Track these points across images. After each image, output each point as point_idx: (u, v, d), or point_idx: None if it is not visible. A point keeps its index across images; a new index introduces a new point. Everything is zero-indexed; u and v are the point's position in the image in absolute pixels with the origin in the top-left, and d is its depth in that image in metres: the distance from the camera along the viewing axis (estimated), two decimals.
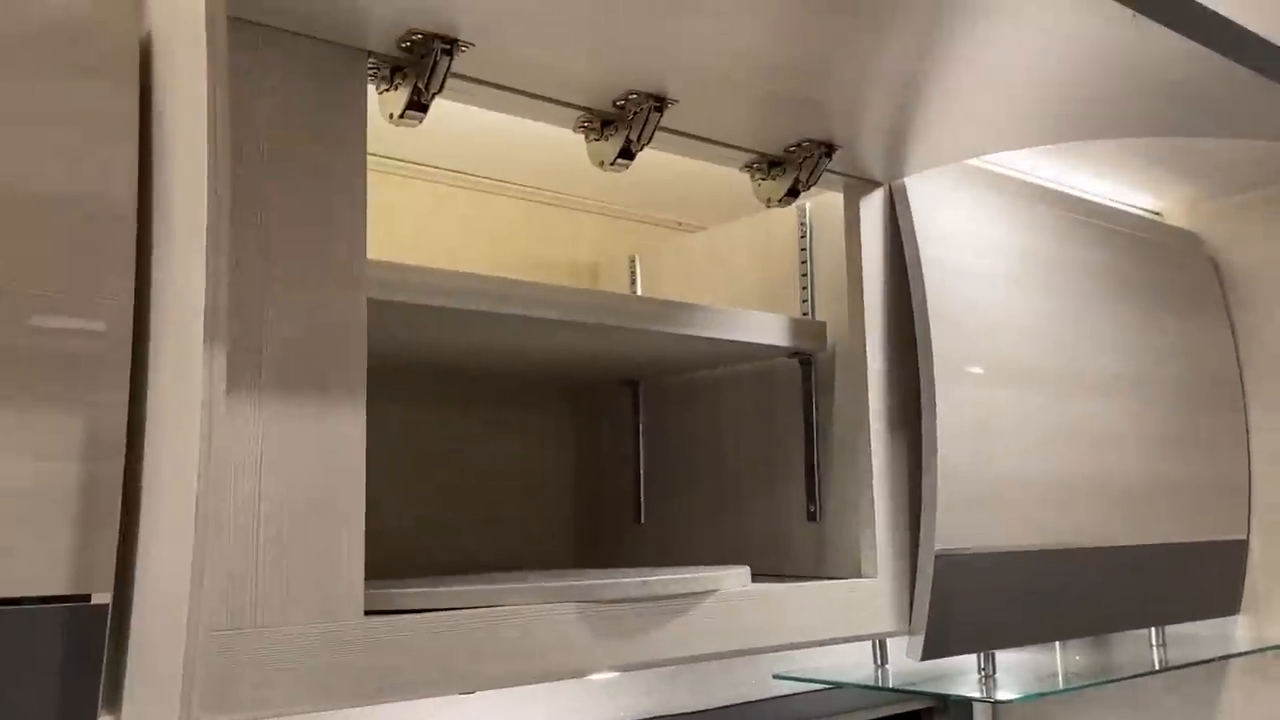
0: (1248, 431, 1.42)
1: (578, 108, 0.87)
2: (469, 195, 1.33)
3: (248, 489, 0.66)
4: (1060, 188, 1.33)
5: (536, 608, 0.78)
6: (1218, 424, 1.38)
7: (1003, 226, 1.19)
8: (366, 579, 0.90)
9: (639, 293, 1.33)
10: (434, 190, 1.30)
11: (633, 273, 1.34)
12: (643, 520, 1.27)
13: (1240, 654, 1.35)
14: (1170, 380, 1.33)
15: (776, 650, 0.93)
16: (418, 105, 0.75)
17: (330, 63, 0.73)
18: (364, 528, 0.71)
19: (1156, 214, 1.53)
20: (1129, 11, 0.75)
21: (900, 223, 1.09)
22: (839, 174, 1.06)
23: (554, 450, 1.32)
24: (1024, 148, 1.08)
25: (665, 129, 0.90)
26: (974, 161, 1.19)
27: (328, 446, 0.69)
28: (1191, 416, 1.34)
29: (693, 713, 1.30)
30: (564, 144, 0.93)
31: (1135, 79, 0.88)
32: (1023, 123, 1.00)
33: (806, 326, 1.09)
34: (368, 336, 0.83)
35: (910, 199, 1.09)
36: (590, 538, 1.32)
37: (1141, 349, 1.30)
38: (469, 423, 1.25)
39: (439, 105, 0.90)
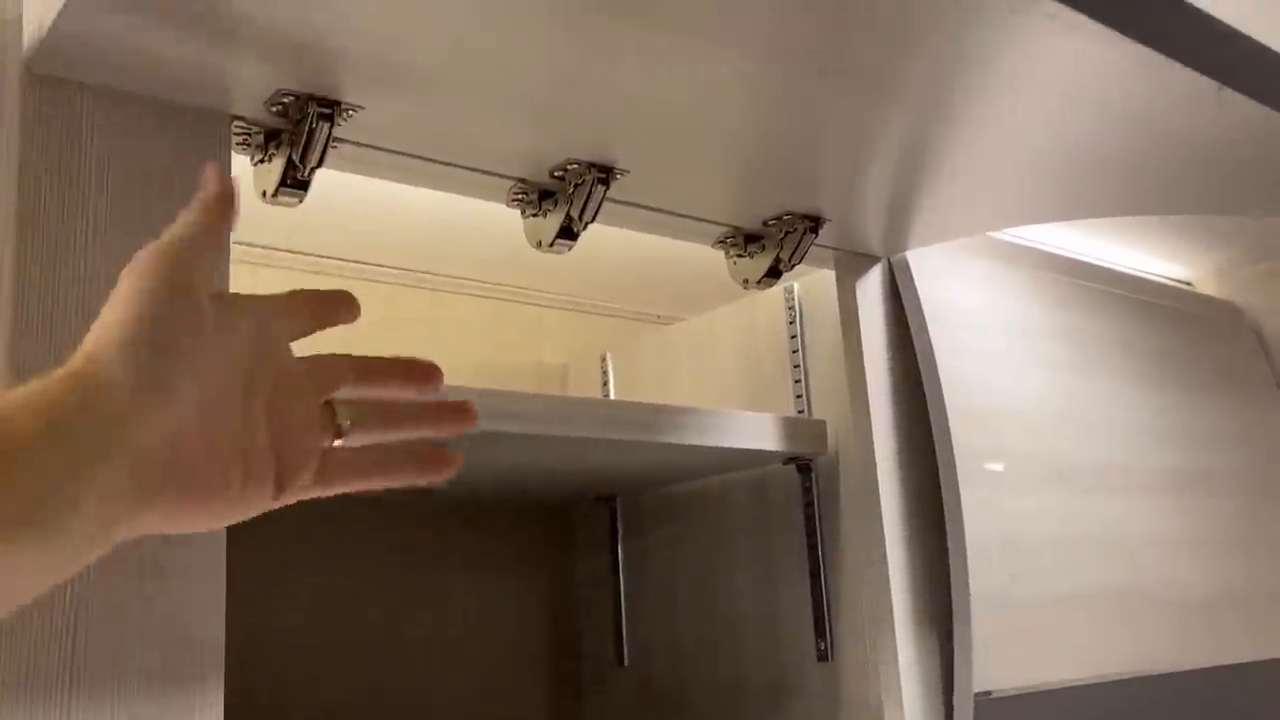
0: None
1: (508, 178, 0.72)
2: (420, 295, 1.19)
3: (54, 661, 0.50)
4: (1079, 256, 1.18)
5: None
6: None
7: (1022, 301, 1.03)
8: None
9: (611, 395, 1.17)
10: (378, 291, 1.15)
11: (604, 373, 1.18)
12: (626, 662, 1.09)
13: None
14: (1225, 470, 1.15)
15: None
16: (295, 181, 0.60)
17: (185, 128, 0.58)
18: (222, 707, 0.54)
19: (1187, 284, 1.38)
20: (1214, 84, 0.61)
21: (905, 302, 0.94)
22: (829, 248, 0.91)
23: (522, 584, 1.14)
24: (1046, 222, 0.93)
25: (616, 200, 0.75)
26: None
27: (176, 606, 0.53)
28: (1253, 511, 1.16)
29: None
30: (522, 229, 0.77)
31: (1175, 150, 0.74)
32: (1044, 196, 0.86)
33: (803, 426, 0.93)
34: None
35: (914, 274, 0.94)
36: (569, 685, 1.14)
37: (1189, 435, 1.13)
38: (420, 555, 1.08)
39: (374, 192, 0.75)
